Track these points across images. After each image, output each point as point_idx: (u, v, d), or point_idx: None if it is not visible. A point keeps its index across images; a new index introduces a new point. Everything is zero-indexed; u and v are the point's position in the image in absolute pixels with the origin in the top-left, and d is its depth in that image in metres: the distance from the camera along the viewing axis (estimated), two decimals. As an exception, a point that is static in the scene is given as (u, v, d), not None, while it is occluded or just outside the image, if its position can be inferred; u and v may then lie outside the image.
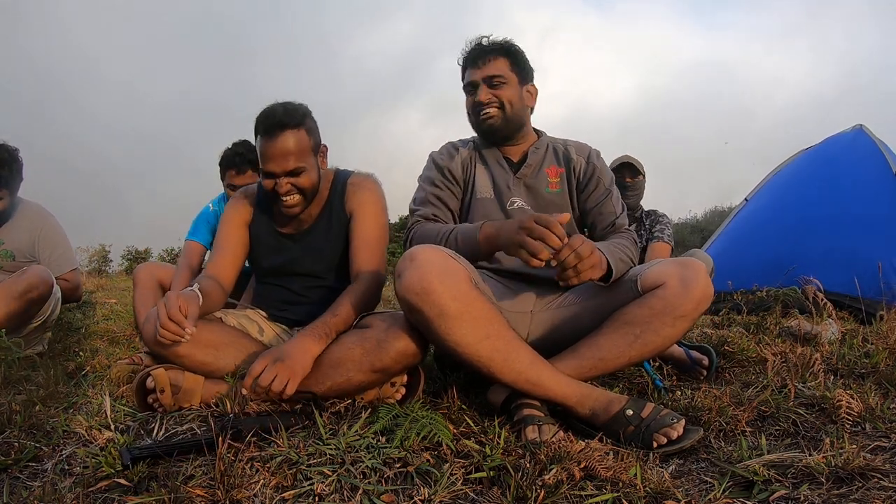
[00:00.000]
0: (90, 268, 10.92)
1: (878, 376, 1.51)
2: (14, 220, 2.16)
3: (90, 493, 0.92)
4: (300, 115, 1.49)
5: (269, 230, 1.64)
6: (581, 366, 1.29)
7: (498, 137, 1.62)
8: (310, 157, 1.50)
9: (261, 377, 1.22)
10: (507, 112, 1.58)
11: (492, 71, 1.57)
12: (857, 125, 3.89)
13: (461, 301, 1.18)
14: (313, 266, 1.62)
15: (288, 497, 0.91)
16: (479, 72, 1.58)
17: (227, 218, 1.66)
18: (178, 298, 1.29)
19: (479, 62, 1.59)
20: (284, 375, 1.23)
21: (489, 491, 0.94)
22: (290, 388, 1.23)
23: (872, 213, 3.22)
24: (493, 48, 1.60)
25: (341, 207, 1.61)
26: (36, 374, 1.64)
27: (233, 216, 1.65)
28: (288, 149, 1.45)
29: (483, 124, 1.59)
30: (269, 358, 1.26)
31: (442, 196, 1.59)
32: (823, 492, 0.90)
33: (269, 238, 1.64)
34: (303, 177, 1.49)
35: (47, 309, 2.02)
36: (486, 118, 1.58)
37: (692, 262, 1.28)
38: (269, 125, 1.45)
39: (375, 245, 1.56)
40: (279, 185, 1.47)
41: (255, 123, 1.50)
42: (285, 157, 1.45)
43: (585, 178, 1.63)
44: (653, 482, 0.93)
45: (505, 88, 1.57)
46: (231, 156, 2.29)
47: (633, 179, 2.83)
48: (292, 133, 1.45)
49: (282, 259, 1.63)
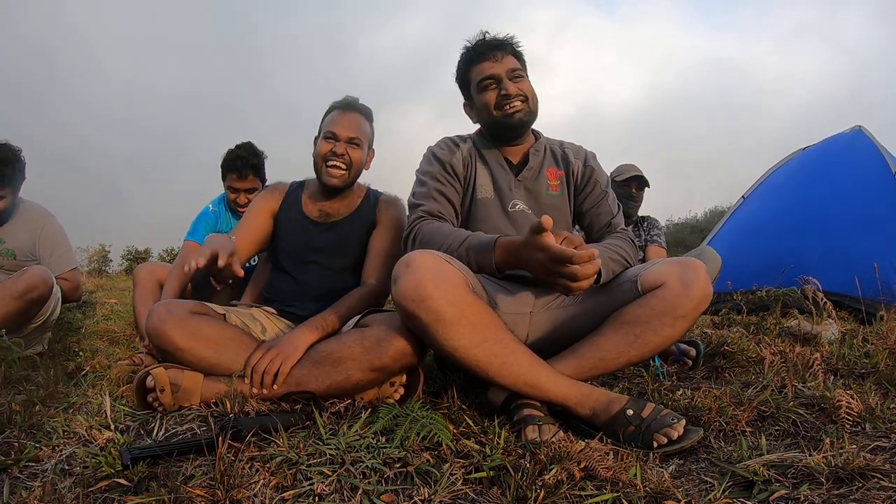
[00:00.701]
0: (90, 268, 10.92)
1: (878, 376, 1.51)
2: (15, 219, 2.17)
3: (90, 493, 0.92)
4: (370, 111, 1.76)
5: (298, 214, 1.75)
6: (581, 366, 1.29)
7: (519, 133, 1.59)
8: (366, 143, 1.73)
9: (256, 364, 1.33)
10: (530, 105, 1.55)
11: (510, 64, 1.55)
12: (856, 126, 3.90)
13: (457, 306, 1.18)
14: (332, 255, 1.70)
15: (288, 497, 0.91)
16: (500, 65, 1.54)
17: (256, 205, 1.78)
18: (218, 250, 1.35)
19: (496, 56, 1.55)
20: (278, 359, 1.34)
21: (489, 491, 0.94)
22: (284, 369, 1.33)
23: (871, 213, 3.23)
24: (506, 43, 1.57)
25: (371, 215, 1.76)
26: (36, 374, 1.64)
27: (261, 204, 1.78)
28: (356, 124, 1.70)
29: (512, 118, 1.53)
30: (263, 348, 1.39)
31: (444, 191, 1.54)
32: (823, 492, 0.90)
33: (296, 221, 1.74)
34: (357, 151, 1.69)
35: (47, 309, 2.02)
36: (515, 111, 1.53)
37: (692, 262, 1.28)
38: (348, 104, 1.72)
39: (389, 259, 1.66)
40: (337, 147, 1.66)
41: (332, 104, 1.74)
42: (352, 128, 1.68)
43: (583, 181, 1.62)
44: (653, 482, 0.93)
45: (524, 82, 1.56)
46: (233, 159, 2.28)
47: (640, 191, 2.86)
48: (364, 118, 1.73)
49: (304, 242, 1.71)
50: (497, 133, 1.60)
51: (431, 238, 1.40)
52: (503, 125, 1.56)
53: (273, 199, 1.78)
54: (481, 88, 1.57)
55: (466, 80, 1.61)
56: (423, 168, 1.61)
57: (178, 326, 1.37)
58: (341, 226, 1.72)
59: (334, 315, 1.49)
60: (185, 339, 1.36)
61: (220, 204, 2.40)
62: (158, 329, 1.37)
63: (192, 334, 1.37)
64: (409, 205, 1.58)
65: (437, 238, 1.39)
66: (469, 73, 1.60)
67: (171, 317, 1.38)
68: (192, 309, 1.44)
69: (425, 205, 1.51)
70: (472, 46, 1.59)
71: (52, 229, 2.23)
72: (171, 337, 1.36)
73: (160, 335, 1.37)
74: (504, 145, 1.62)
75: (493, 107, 1.55)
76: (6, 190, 2.07)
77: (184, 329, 1.37)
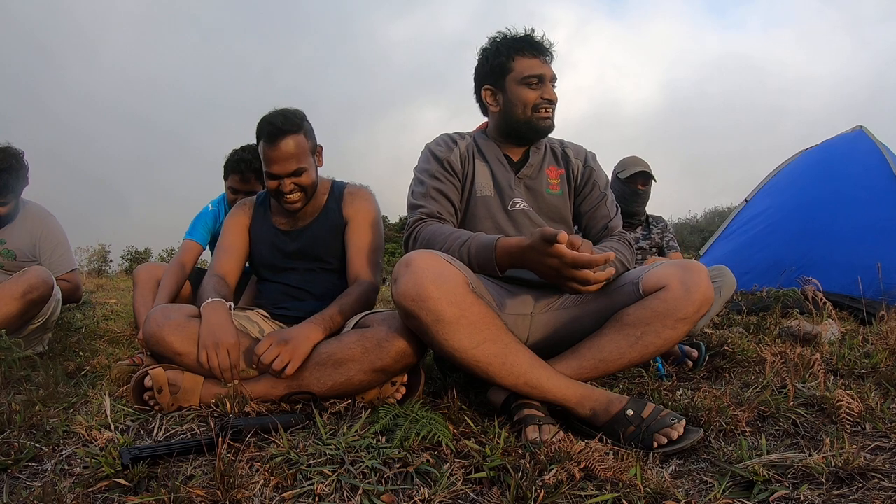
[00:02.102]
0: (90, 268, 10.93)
1: (878, 376, 1.51)
2: (16, 220, 2.17)
3: (90, 494, 0.92)
4: (298, 120, 1.61)
5: (268, 228, 1.75)
6: (581, 366, 1.29)
7: (540, 138, 1.58)
8: (309, 157, 1.64)
9: (264, 355, 1.32)
10: (554, 115, 1.55)
11: (553, 72, 1.55)
12: (858, 126, 3.90)
13: (457, 306, 1.17)
14: (309, 259, 1.70)
15: (288, 497, 0.91)
16: (548, 68, 1.54)
17: (229, 224, 1.78)
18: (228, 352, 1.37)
19: (546, 57, 1.54)
20: (286, 356, 1.32)
21: (489, 491, 0.94)
22: (290, 370, 1.32)
23: (873, 213, 3.22)
24: (551, 50, 1.56)
25: (338, 212, 1.73)
26: (36, 375, 1.64)
27: (234, 223, 1.78)
28: (289, 152, 1.58)
29: (544, 122, 1.53)
30: (274, 337, 1.36)
31: (443, 189, 1.53)
32: (823, 492, 0.90)
33: (269, 234, 1.74)
34: (304, 176, 1.62)
35: (48, 310, 2.01)
36: (548, 118, 1.53)
37: (693, 265, 1.28)
38: (271, 132, 1.57)
39: (371, 253, 1.67)
40: (283, 185, 1.61)
41: (257, 130, 1.62)
42: (287, 160, 1.59)
43: (583, 181, 1.62)
44: (653, 482, 0.93)
45: (556, 90, 1.55)
46: (237, 161, 2.28)
47: (646, 186, 2.77)
48: (292, 138, 1.58)
49: (280, 253, 1.71)
50: (518, 132, 1.57)
51: (432, 240, 1.40)
52: (532, 127, 1.54)
53: (244, 214, 1.78)
54: (524, 83, 1.52)
55: (505, 68, 1.54)
56: (420, 166, 1.60)
57: (175, 331, 1.37)
58: (312, 227, 1.72)
59: (338, 313, 1.48)
60: (183, 344, 1.37)
61: (220, 204, 2.40)
62: (156, 334, 1.37)
63: (191, 339, 1.37)
64: (408, 205, 1.57)
65: (437, 240, 1.39)
66: (512, 61, 1.53)
67: (169, 322, 1.39)
68: (189, 313, 1.45)
69: (424, 206, 1.50)
70: (524, 38, 1.55)
71: (52, 230, 2.23)
72: (169, 342, 1.37)
73: (158, 340, 1.37)
74: (509, 143, 1.61)
75: (530, 106, 1.52)
76: (8, 196, 2.07)
77: (182, 333, 1.38)
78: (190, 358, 1.37)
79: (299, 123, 1.60)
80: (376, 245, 1.69)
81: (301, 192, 1.63)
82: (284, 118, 1.58)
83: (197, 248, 2.28)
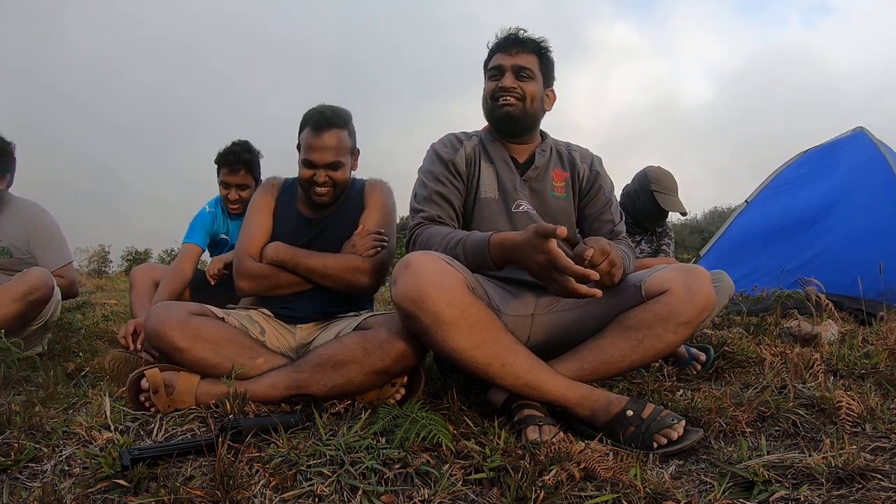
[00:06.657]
0: (90, 268, 10.93)
1: (878, 377, 1.51)
2: (8, 216, 2.15)
3: (90, 494, 0.92)
4: (346, 117, 1.67)
5: (292, 212, 1.75)
6: (582, 368, 1.28)
7: (511, 128, 1.59)
8: (347, 155, 1.67)
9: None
10: (526, 105, 1.55)
11: (522, 62, 1.56)
12: (858, 127, 3.90)
13: (457, 307, 1.17)
14: (326, 249, 1.67)
15: (288, 498, 0.91)
16: (511, 59, 1.56)
17: (257, 204, 1.76)
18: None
19: (511, 50, 1.57)
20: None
21: (489, 491, 0.94)
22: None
23: (873, 214, 3.23)
24: (528, 41, 1.58)
25: (360, 202, 1.75)
26: (36, 375, 1.64)
27: (261, 203, 1.77)
28: (331, 145, 1.62)
29: (499, 110, 1.55)
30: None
31: (445, 193, 1.53)
32: (823, 492, 0.90)
33: (291, 219, 1.74)
34: (340, 171, 1.65)
35: (48, 311, 2.01)
36: (505, 104, 1.54)
37: (696, 269, 1.28)
38: (319, 121, 1.61)
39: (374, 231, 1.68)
40: (318, 175, 1.63)
41: (304, 118, 1.66)
42: (328, 151, 1.62)
43: (588, 185, 1.62)
44: (653, 483, 0.94)
45: (530, 83, 1.56)
46: (226, 153, 2.30)
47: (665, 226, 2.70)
48: (337, 132, 1.63)
49: (300, 239, 1.69)
50: (492, 124, 1.63)
51: (430, 241, 1.41)
52: (494, 116, 1.59)
53: (270, 195, 1.78)
54: (487, 77, 1.61)
55: (485, 66, 1.64)
56: (425, 167, 1.60)
57: (177, 327, 1.37)
58: (334, 217, 1.72)
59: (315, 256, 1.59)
60: (184, 340, 1.37)
61: (217, 206, 2.40)
62: (158, 330, 1.37)
63: (192, 335, 1.37)
64: (410, 208, 1.58)
65: (434, 241, 1.40)
66: (488, 60, 1.62)
67: (171, 318, 1.39)
68: (191, 310, 1.45)
69: (425, 210, 1.51)
70: (498, 37, 1.61)
71: (46, 224, 2.21)
72: (170, 338, 1.36)
73: (160, 336, 1.37)
74: (509, 142, 1.62)
75: (489, 96, 1.59)
76: None
77: (183, 330, 1.38)
78: (191, 354, 1.37)
79: (346, 120, 1.66)
80: (381, 224, 1.70)
81: (331, 188, 1.66)
82: (333, 112, 1.64)
83: (196, 251, 2.27)
